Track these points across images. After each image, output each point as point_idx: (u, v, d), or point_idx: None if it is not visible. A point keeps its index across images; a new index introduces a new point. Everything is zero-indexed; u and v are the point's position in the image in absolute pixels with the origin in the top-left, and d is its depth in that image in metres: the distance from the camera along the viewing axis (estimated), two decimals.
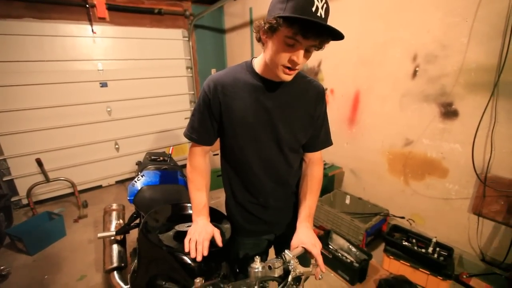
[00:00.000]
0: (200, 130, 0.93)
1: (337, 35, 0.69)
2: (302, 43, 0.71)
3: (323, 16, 0.68)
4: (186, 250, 0.82)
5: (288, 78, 0.80)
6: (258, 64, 0.88)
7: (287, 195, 1.05)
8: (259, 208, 1.02)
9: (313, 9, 0.66)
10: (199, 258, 0.80)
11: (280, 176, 0.99)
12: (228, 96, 0.87)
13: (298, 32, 0.68)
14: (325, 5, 0.69)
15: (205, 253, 0.81)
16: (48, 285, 1.96)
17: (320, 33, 0.69)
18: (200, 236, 0.84)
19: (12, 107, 2.82)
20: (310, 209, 0.95)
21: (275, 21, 0.69)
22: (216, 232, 0.89)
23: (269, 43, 0.77)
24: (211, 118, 0.91)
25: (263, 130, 0.89)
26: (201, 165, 0.98)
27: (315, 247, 0.82)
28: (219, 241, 0.87)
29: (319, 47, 0.74)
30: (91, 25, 3.10)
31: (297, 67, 0.76)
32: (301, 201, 0.99)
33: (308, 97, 0.93)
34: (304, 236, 0.85)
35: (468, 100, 1.75)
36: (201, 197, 0.95)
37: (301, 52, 0.73)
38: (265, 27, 0.74)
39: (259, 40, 0.82)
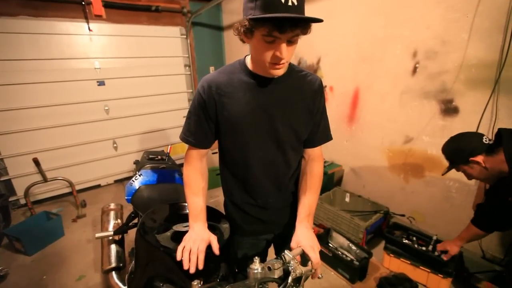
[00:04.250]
0: (197, 133, 0.90)
1: (315, 19, 0.65)
2: (281, 38, 0.68)
3: (295, 3, 0.64)
4: (178, 258, 0.77)
5: (278, 72, 0.78)
6: (251, 62, 0.86)
7: (286, 195, 1.03)
8: (257, 209, 1.00)
9: (283, 0, 0.63)
10: (192, 270, 0.76)
11: (279, 176, 0.96)
12: (224, 96, 0.85)
13: (273, 29, 0.66)
14: None
15: (200, 266, 0.77)
16: (47, 285, 1.95)
17: (296, 24, 0.66)
18: (195, 245, 0.79)
19: (8, 106, 2.79)
20: (310, 208, 0.92)
21: (247, 23, 0.68)
22: (213, 239, 0.84)
23: (250, 44, 0.77)
24: (207, 120, 0.88)
25: (261, 128, 0.87)
26: (198, 169, 0.95)
27: (313, 250, 0.79)
28: (216, 249, 0.83)
29: (303, 33, 0.71)
30: (88, 22, 3.06)
31: (282, 61, 0.74)
32: (300, 200, 0.96)
33: (305, 92, 0.91)
34: (303, 237, 0.83)
35: (469, 96, 1.74)
36: (197, 201, 0.91)
37: (283, 46, 0.70)
38: (242, 30, 0.73)
39: (243, 41, 0.80)
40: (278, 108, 0.86)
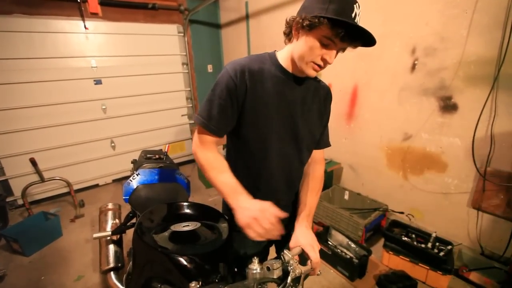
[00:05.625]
0: (220, 120, 0.84)
1: (370, 43, 0.72)
2: (337, 45, 0.74)
3: (358, 23, 0.71)
4: (256, 237, 0.72)
5: (314, 74, 0.82)
6: (282, 58, 0.87)
7: (292, 192, 1.04)
8: None
9: (353, 15, 0.68)
10: (282, 232, 0.74)
11: (292, 172, 0.98)
12: (255, 83, 0.83)
13: (338, 35, 0.71)
14: (360, 13, 0.72)
15: (281, 231, 0.74)
16: (45, 286, 1.94)
17: (356, 38, 0.72)
18: (263, 219, 0.72)
19: (4, 106, 2.76)
20: (310, 209, 0.93)
21: (317, 20, 0.70)
22: (269, 205, 0.76)
23: (302, 39, 0.77)
24: (233, 106, 0.83)
25: (283, 122, 0.88)
26: (215, 151, 0.91)
27: (313, 249, 0.79)
28: (280, 214, 0.75)
29: (344, 49, 0.78)
30: (83, 20, 3.03)
31: (326, 65, 0.79)
32: (301, 200, 0.97)
33: (320, 95, 0.96)
34: (302, 237, 0.83)
35: (468, 93, 1.73)
36: (228, 178, 0.84)
37: (334, 53, 0.76)
38: (304, 23, 0.74)
39: (288, 34, 0.84)
40: (299, 106, 0.90)
